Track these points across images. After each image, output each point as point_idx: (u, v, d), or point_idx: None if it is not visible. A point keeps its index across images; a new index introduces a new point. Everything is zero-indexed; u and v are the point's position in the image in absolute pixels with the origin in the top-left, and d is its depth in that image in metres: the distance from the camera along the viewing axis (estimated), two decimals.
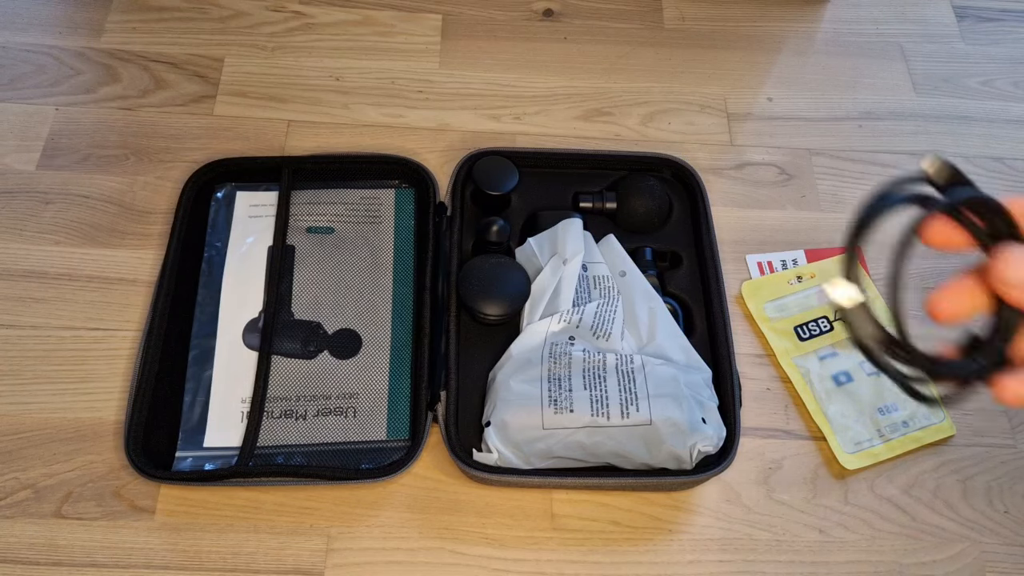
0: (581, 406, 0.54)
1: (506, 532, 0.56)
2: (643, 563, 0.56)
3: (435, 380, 0.58)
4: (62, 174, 0.68)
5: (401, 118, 0.74)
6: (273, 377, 0.59)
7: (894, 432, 0.61)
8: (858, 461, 0.59)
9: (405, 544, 0.56)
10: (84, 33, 0.76)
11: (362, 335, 0.61)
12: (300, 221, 0.66)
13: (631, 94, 0.77)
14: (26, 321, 0.62)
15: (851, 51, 0.82)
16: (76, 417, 0.58)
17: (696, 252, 0.66)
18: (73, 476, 0.56)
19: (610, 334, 0.59)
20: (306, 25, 0.79)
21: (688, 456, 0.54)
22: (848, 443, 0.60)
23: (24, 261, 0.64)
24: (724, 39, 0.81)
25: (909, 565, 0.57)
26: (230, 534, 0.55)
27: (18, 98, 0.72)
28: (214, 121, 0.72)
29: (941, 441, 0.61)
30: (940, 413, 0.61)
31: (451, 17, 0.80)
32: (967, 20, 0.85)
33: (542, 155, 0.68)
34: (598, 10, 0.82)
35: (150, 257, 0.65)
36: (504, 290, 0.59)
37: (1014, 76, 0.81)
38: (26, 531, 0.54)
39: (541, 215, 0.65)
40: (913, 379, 0.29)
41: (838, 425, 0.61)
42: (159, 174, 0.69)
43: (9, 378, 0.60)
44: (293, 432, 0.57)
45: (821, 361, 0.64)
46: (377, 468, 0.56)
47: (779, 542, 0.57)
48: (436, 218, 0.66)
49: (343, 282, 0.63)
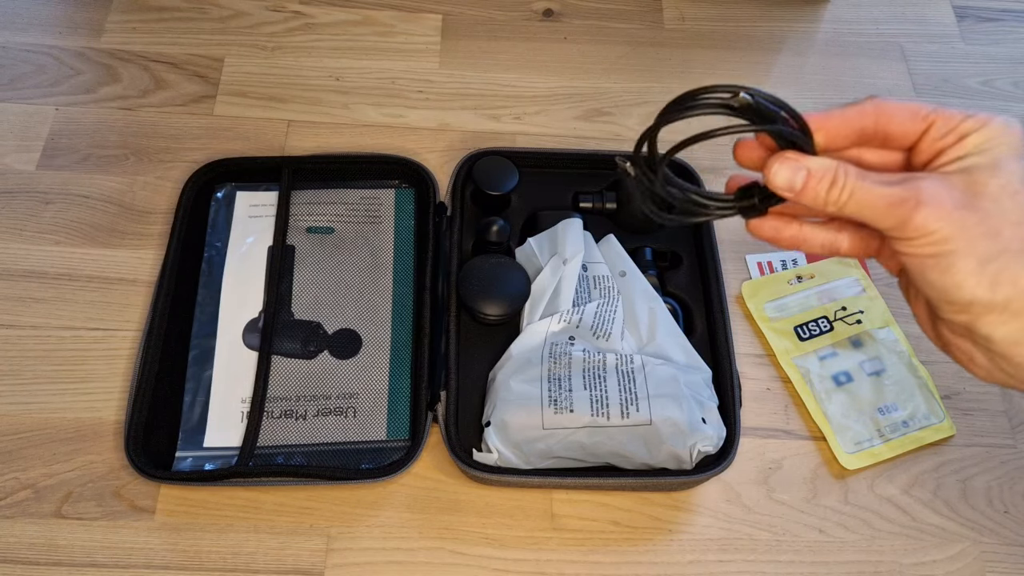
0: (581, 406, 0.54)
1: (506, 532, 0.56)
2: (643, 563, 0.56)
3: (435, 380, 0.58)
4: (62, 174, 0.68)
5: (401, 118, 0.74)
6: (273, 377, 0.59)
7: (894, 432, 0.61)
8: (858, 461, 0.59)
9: (405, 544, 0.56)
10: (84, 33, 0.76)
11: (362, 335, 0.61)
12: (300, 221, 0.66)
13: (631, 94, 0.77)
14: (26, 321, 0.62)
15: (851, 51, 0.82)
16: (76, 417, 0.58)
17: (696, 252, 0.66)
18: (73, 476, 0.56)
19: (610, 334, 0.59)
20: (306, 25, 0.79)
21: (688, 456, 0.54)
22: (848, 443, 0.60)
23: (24, 261, 0.64)
24: (724, 39, 0.81)
25: (909, 565, 0.57)
26: (230, 534, 0.55)
27: (18, 98, 0.72)
28: (214, 121, 0.72)
29: (941, 441, 0.61)
30: (940, 413, 0.61)
31: (451, 17, 0.80)
32: (967, 20, 0.85)
33: (542, 155, 0.68)
34: (598, 10, 0.82)
35: (150, 257, 0.65)
36: (504, 290, 0.59)
37: (1014, 76, 0.81)
38: (26, 531, 0.54)
39: (541, 215, 0.65)
40: (701, 205, 0.36)
41: (838, 425, 0.61)
42: (159, 174, 0.69)
43: (9, 378, 0.60)
44: (293, 432, 0.57)
45: (821, 361, 0.64)
46: (377, 468, 0.56)
47: (779, 542, 0.57)
48: (436, 218, 0.66)
49: (343, 282, 0.63)
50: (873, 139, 0.35)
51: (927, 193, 0.32)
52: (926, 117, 0.34)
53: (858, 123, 0.34)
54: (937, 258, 0.32)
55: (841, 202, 0.33)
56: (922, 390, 0.62)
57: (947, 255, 0.32)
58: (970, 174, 0.32)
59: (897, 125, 0.34)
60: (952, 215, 0.31)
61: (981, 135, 0.33)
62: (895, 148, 0.36)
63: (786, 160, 0.33)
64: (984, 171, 0.32)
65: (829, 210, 0.34)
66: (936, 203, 0.32)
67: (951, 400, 0.63)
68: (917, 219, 0.31)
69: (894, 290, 0.67)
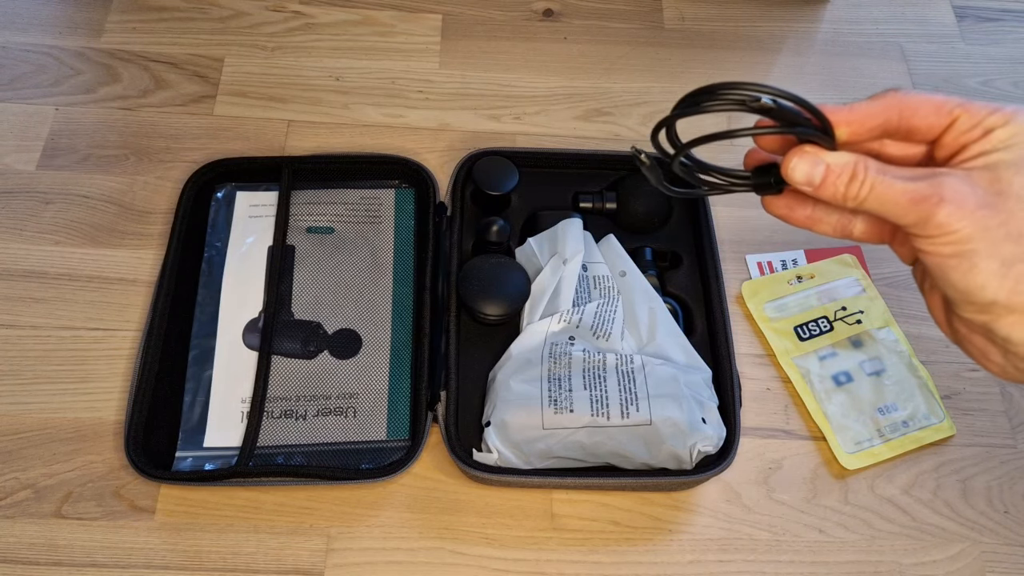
0: (581, 406, 0.54)
1: (506, 532, 0.56)
2: (643, 563, 0.56)
3: (435, 380, 0.58)
4: (62, 174, 0.68)
5: (401, 118, 0.74)
6: (273, 377, 0.59)
7: (894, 432, 0.61)
8: (858, 461, 0.59)
9: (405, 544, 0.56)
10: (84, 33, 0.76)
11: (362, 335, 0.61)
12: (300, 221, 0.66)
13: (631, 94, 0.77)
14: (26, 321, 0.62)
15: (851, 51, 0.82)
16: (76, 417, 0.58)
17: (696, 252, 0.66)
18: (73, 476, 0.56)
19: (610, 334, 0.59)
20: (306, 25, 0.79)
21: (688, 456, 0.54)
22: (848, 443, 0.60)
23: (24, 261, 0.64)
24: (724, 39, 0.81)
25: (909, 565, 0.57)
26: (230, 534, 0.55)
27: (18, 98, 0.72)
28: (214, 121, 0.72)
29: (941, 441, 0.61)
30: (940, 413, 0.61)
31: (451, 17, 0.80)
32: (967, 20, 0.85)
33: (542, 155, 0.68)
34: (598, 10, 0.82)
35: (150, 257, 0.65)
36: (504, 290, 0.59)
37: (1014, 76, 0.81)
38: (26, 531, 0.54)
39: (541, 215, 0.65)
40: (718, 181, 0.36)
41: (838, 425, 0.61)
42: (159, 174, 0.69)
43: (9, 378, 0.60)
44: (293, 432, 0.57)
45: (821, 361, 0.64)
46: (377, 468, 0.56)
47: (779, 542, 0.57)
48: (436, 218, 0.66)
49: (343, 282, 0.63)
50: (896, 132, 0.34)
51: (949, 190, 0.31)
52: (951, 111, 0.33)
53: (882, 116, 0.34)
54: (959, 258, 0.31)
55: (861, 197, 0.32)
56: (922, 390, 0.62)
57: (968, 255, 0.31)
58: (994, 171, 0.31)
59: (921, 119, 0.33)
60: (975, 214, 0.31)
61: (1007, 130, 0.32)
62: (918, 141, 0.35)
63: (805, 154, 0.33)
64: (1009, 168, 0.31)
65: (848, 205, 0.33)
66: (958, 201, 0.31)
67: (951, 400, 0.63)
68: (939, 216, 0.31)
69: (894, 290, 0.67)
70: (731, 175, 0.36)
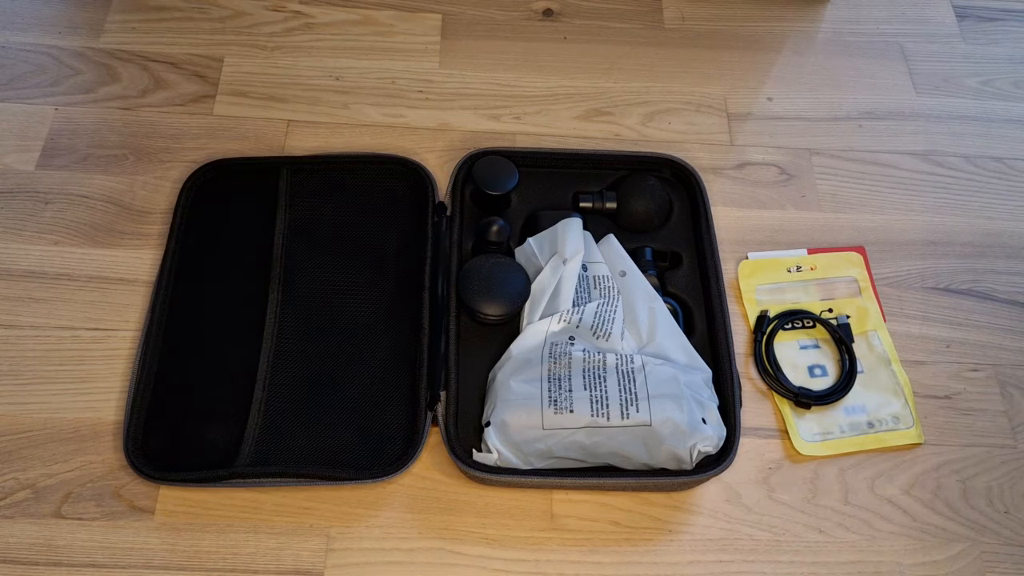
0: (581, 406, 0.54)
1: (506, 532, 0.56)
2: (643, 563, 0.56)
3: (435, 380, 0.58)
4: (62, 174, 0.68)
5: (401, 118, 0.74)
6: (273, 377, 0.59)
7: (854, 430, 0.60)
8: (815, 449, 0.59)
9: (404, 544, 0.55)
10: (84, 33, 0.76)
11: (362, 335, 0.61)
12: (300, 221, 0.66)
13: (631, 94, 0.77)
14: (26, 321, 0.62)
15: (851, 51, 0.82)
16: (76, 417, 0.58)
17: (696, 252, 0.66)
18: (72, 476, 0.56)
19: (610, 334, 0.58)
20: (306, 25, 0.79)
21: (688, 456, 0.54)
22: (808, 433, 0.60)
23: (24, 261, 0.64)
24: (724, 39, 0.81)
25: (909, 565, 0.57)
26: (230, 534, 0.55)
27: (18, 98, 0.72)
28: (214, 121, 0.72)
29: (909, 446, 0.61)
30: (910, 420, 0.61)
31: (451, 17, 0.80)
32: (967, 20, 0.85)
33: (542, 155, 0.68)
34: (598, 10, 0.82)
35: (149, 257, 0.65)
36: (504, 290, 0.59)
37: (1014, 76, 0.81)
38: (25, 531, 0.54)
39: (541, 215, 0.65)
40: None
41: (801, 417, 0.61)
42: (158, 174, 0.69)
43: (9, 378, 0.60)
44: (293, 432, 0.57)
45: (801, 351, 0.64)
46: (377, 468, 0.56)
47: (779, 542, 0.57)
48: (436, 218, 0.66)
49: (343, 282, 0.63)
50: None
51: None
52: None
53: None
54: None
55: None
56: (896, 395, 0.62)
57: None
58: None
59: None
60: None
61: None
62: None
63: None
64: None
65: None
66: None
67: (951, 400, 0.63)
68: None
69: (895, 290, 0.67)
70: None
